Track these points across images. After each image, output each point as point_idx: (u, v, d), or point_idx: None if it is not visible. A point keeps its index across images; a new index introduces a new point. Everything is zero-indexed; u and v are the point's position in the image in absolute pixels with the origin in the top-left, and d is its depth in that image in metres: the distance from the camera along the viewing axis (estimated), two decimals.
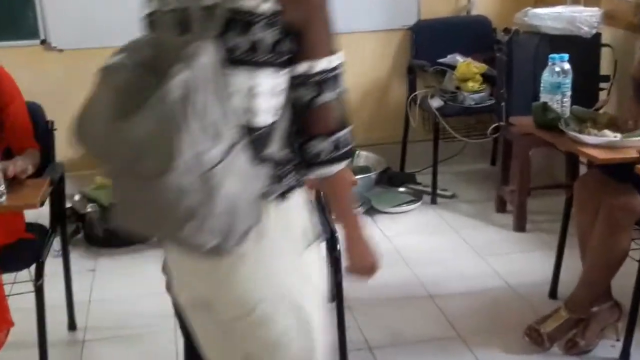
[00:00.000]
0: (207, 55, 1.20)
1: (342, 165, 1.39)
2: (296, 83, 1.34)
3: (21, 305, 2.41)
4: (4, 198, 2.08)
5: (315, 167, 1.38)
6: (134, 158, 1.19)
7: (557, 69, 2.69)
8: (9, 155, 2.34)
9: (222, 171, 1.21)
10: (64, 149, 2.76)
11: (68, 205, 3.27)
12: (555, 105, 2.66)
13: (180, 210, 1.21)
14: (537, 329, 2.58)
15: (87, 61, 4.40)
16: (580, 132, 2.48)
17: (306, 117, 1.36)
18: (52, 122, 2.63)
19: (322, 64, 1.33)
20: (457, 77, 3.96)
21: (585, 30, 3.48)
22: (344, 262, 1.52)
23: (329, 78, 1.34)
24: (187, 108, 1.16)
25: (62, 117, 2.73)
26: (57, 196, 2.55)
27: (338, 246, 2.43)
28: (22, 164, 2.28)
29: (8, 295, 2.36)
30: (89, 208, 3.62)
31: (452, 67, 4.02)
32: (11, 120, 2.39)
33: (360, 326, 2.78)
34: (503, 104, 3.62)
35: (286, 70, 1.32)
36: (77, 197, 3.69)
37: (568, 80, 2.69)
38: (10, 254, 2.31)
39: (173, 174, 1.16)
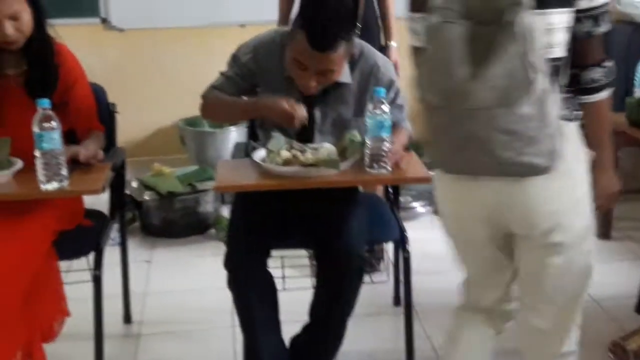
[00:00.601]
0: None
1: (608, 92, 1.72)
2: (577, 17, 1.64)
3: (74, 295, 2.45)
4: (66, 183, 2.12)
5: (587, 93, 1.70)
6: (496, 95, 1.53)
7: None
8: (71, 137, 2.37)
9: (547, 98, 1.55)
10: (124, 133, 2.84)
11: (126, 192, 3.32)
12: None
13: (525, 136, 1.56)
14: (623, 345, 2.52)
15: (147, 42, 4.54)
16: None
17: (582, 48, 1.68)
18: (115, 105, 2.68)
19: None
20: None
21: None
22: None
23: (602, 12, 1.66)
24: (529, 46, 1.50)
25: (122, 99, 2.79)
26: (118, 182, 2.59)
27: (408, 246, 2.42)
28: (94, 148, 2.33)
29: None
30: (146, 196, 3.69)
31: None
32: (76, 101, 2.42)
33: (428, 334, 2.77)
34: None
35: (572, 8, 1.63)
36: (134, 184, 3.76)
37: None
38: (69, 240, 2.35)
39: (524, 104, 1.53)
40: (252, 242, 2.25)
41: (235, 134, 4.23)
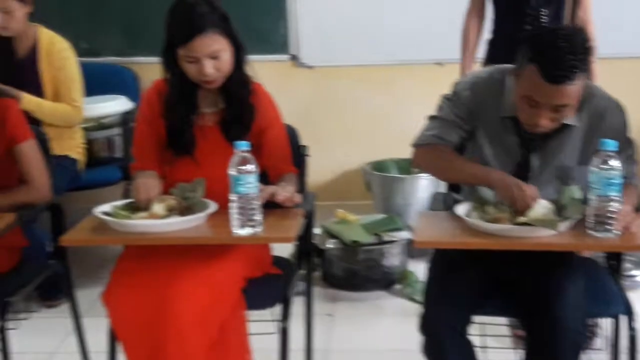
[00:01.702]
0: None
1: None
2: None
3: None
4: (259, 229, 2.17)
5: None
6: None
7: None
8: (262, 179, 2.42)
9: None
10: (310, 176, 2.88)
11: None
12: None
13: None
14: None
15: (335, 79, 4.65)
16: None
17: None
18: (307, 148, 2.74)
19: None
20: None
21: None
22: None
23: None
24: None
25: (308, 139, 2.84)
26: (306, 229, 2.62)
27: (634, 323, 2.27)
28: (292, 190, 2.38)
29: None
30: (330, 244, 3.73)
31: None
32: (270, 143, 2.51)
33: None
34: None
35: None
36: (317, 231, 3.81)
37: None
38: (257, 289, 2.40)
39: None
40: (453, 306, 2.20)
41: (425, 182, 4.19)
